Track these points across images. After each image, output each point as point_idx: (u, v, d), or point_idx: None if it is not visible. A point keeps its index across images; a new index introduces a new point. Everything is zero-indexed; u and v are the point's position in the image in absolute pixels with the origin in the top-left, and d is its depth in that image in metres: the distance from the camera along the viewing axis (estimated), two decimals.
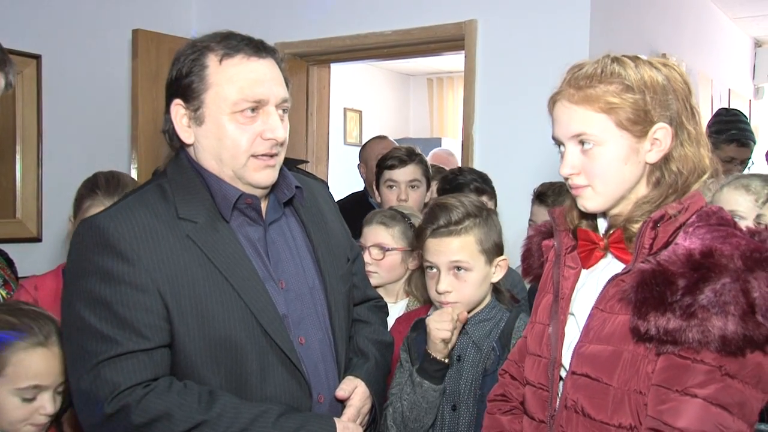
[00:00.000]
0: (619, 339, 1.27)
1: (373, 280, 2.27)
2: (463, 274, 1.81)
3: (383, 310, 1.93)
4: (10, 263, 2.51)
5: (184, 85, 1.45)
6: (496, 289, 1.93)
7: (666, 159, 1.32)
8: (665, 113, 1.30)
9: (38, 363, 1.58)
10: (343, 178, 5.16)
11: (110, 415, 1.31)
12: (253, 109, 1.44)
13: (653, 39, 4.04)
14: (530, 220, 2.88)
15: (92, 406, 1.33)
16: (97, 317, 1.35)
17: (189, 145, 1.50)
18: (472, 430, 1.76)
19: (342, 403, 1.58)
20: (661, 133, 1.30)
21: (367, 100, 7.44)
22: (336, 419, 1.47)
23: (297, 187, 1.59)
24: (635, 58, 1.34)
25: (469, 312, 1.84)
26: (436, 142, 6.96)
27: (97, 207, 2.10)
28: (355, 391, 1.57)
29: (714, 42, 5.48)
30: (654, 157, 1.31)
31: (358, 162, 4.05)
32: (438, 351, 1.77)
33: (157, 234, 1.41)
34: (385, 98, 7.79)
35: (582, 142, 1.34)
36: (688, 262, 1.18)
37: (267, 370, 1.44)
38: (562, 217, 1.48)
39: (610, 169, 1.32)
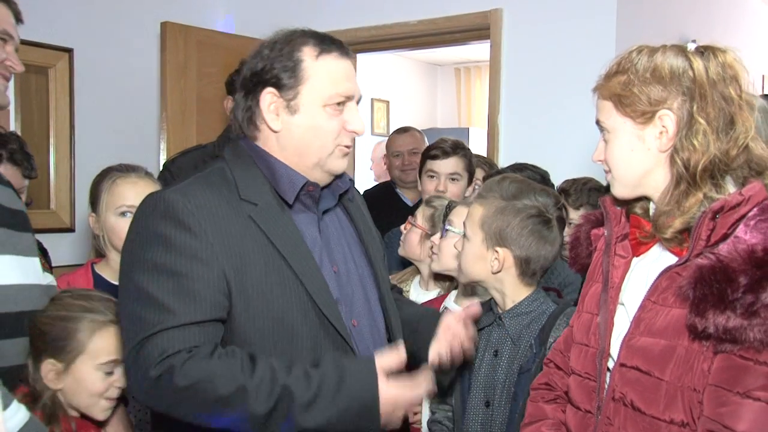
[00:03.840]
0: (672, 333, 1.24)
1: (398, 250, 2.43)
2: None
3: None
4: (44, 252, 2.59)
5: (278, 75, 1.51)
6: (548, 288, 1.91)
7: (675, 149, 1.30)
8: (672, 102, 1.28)
9: (115, 339, 1.68)
10: (369, 170, 5.19)
11: (156, 378, 1.35)
12: (340, 103, 1.53)
13: (683, 26, 3.98)
14: None
15: (141, 372, 1.37)
16: (157, 286, 1.39)
17: (275, 132, 1.54)
18: (504, 429, 1.74)
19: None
20: (667, 120, 1.29)
21: (395, 90, 7.44)
22: (378, 361, 1.45)
23: (350, 180, 1.68)
24: (664, 47, 1.32)
25: (507, 307, 1.82)
26: (464, 131, 6.94)
27: (116, 184, 2.14)
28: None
29: (747, 27, 5.37)
30: (663, 145, 1.30)
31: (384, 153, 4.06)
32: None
33: (221, 212, 1.46)
34: (412, 88, 7.78)
35: (602, 130, 1.38)
36: (750, 259, 1.15)
37: (318, 349, 1.48)
38: (612, 205, 1.46)
39: (618, 156, 1.35)
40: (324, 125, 1.53)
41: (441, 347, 1.66)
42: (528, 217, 1.77)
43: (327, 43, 1.54)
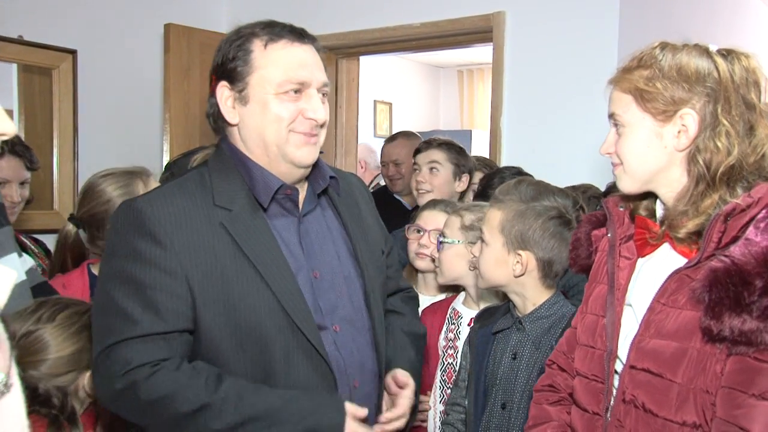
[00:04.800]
0: (684, 335, 1.24)
1: (425, 263, 2.33)
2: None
3: (415, 300, 1.96)
4: (48, 253, 2.60)
5: (229, 68, 1.51)
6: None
7: (697, 149, 1.29)
8: (696, 102, 1.28)
9: None
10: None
11: (120, 390, 1.38)
12: (296, 91, 1.50)
13: (685, 29, 3.96)
14: None
15: (106, 381, 1.40)
16: (124, 296, 1.40)
17: (233, 126, 1.55)
18: (522, 431, 1.71)
19: (377, 389, 1.62)
20: (688, 119, 1.28)
21: (398, 92, 7.45)
22: (347, 404, 1.48)
23: (332, 177, 1.64)
24: (686, 45, 1.32)
25: (528, 311, 1.81)
26: (466, 134, 6.95)
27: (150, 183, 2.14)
28: (407, 388, 1.63)
29: (750, 31, 5.37)
30: (681, 144, 1.29)
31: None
32: None
33: (191, 220, 1.45)
34: (415, 90, 7.79)
35: (615, 123, 1.37)
36: (765, 262, 1.15)
37: (291, 359, 1.47)
38: (615, 207, 1.46)
39: (633, 151, 1.34)
40: (274, 110, 1.49)
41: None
42: (549, 219, 1.76)
43: (276, 31, 1.52)
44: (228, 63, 1.51)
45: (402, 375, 1.64)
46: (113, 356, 1.38)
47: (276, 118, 1.49)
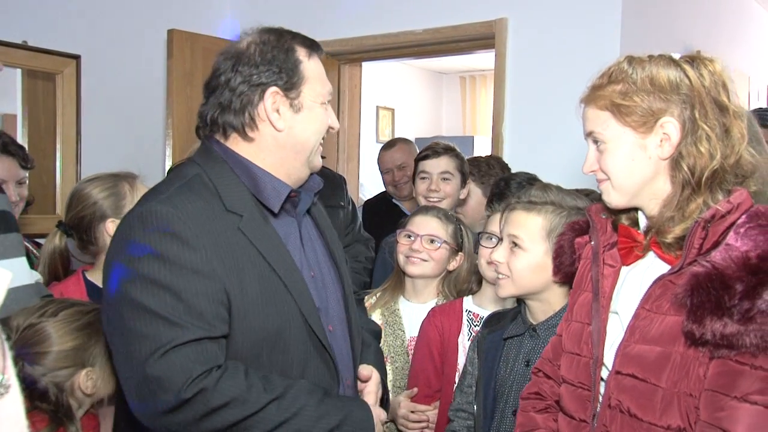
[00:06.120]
0: (667, 340, 1.26)
1: (418, 269, 2.31)
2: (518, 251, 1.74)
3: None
4: None
5: (280, 75, 1.50)
6: None
7: (680, 155, 1.31)
8: (674, 110, 1.29)
9: None
10: (375, 177, 5.19)
11: (187, 399, 1.30)
12: (328, 101, 1.59)
13: (688, 36, 3.98)
14: None
15: (164, 393, 1.31)
16: (160, 302, 1.33)
17: (280, 131, 1.50)
18: None
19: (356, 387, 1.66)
20: (669, 127, 1.30)
21: (400, 98, 7.47)
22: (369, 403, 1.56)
23: (321, 179, 1.67)
24: (651, 57, 1.34)
25: (542, 318, 1.78)
26: (469, 140, 6.97)
27: (137, 189, 2.12)
28: (371, 381, 1.67)
29: (752, 38, 5.38)
30: (665, 152, 1.31)
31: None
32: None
33: (214, 224, 1.41)
34: (417, 96, 7.81)
35: (595, 141, 1.37)
36: (745, 266, 1.17)
37: (307, 359, 1.49)
38: (598, 215, 1.47)
39: (618, 166, 1.34)
40: (321, 120, 1.56)
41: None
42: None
43: (313, 44, 1.57)
44: (275, 70, 1.49)
45: (364, 369, 1.67)
46: (170, 366, 1.30)
47: (322, 127, 1.57)
